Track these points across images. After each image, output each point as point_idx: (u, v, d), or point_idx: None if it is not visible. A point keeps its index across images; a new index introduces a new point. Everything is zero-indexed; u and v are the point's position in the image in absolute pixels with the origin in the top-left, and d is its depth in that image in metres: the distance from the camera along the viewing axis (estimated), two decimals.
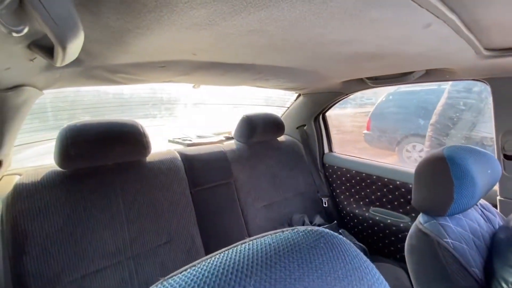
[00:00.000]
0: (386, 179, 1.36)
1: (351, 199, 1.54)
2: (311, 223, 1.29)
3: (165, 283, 0.22)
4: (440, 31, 0.48)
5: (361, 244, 1.13)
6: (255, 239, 0.26)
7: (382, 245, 1.38)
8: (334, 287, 0.23)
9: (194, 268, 0.23)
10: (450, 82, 1.72)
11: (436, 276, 0.65)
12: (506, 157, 0.93)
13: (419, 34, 0.50)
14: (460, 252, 0.64)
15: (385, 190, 1.38)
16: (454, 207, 0.68)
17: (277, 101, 1.83)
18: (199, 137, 1.62)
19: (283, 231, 0.27)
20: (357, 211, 1.50)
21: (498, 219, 0.83)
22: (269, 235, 0.27)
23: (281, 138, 1.66)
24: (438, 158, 0.71)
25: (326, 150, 1.70)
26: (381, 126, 4.30)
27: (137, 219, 0.98)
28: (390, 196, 1.36)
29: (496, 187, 0.98)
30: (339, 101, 1.48)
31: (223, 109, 1.99)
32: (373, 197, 1.43)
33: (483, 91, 1.46)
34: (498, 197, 0.98)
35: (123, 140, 0.97)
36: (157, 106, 1.68)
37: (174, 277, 0.22)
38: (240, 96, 2.00)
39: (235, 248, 0.25)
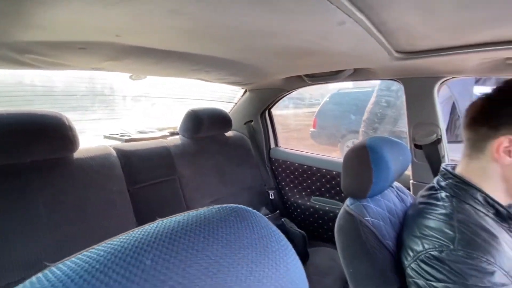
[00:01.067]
0: (324, 170, 1.48)
1: (295, 190, 1.64)
2: None
3: (54, 269, 0.20)
4: (355, 31, 0.54)
5: (301, 231, 1.21)
6: (166, 218, 0.26)
7: (321, 231, 1.50)
8: (238, 254, 0.23)
9: (91, 250, 0.21)
10: (378, 82, 1.95)
11: (358, 252, 0.72)
12: (416, 146, 1.10)
13: (337, 32, 0.55)
14: (377, 227, 0.73)
15: (323, 180, 1.49)
16: (373, 189, 0.77)
17: (224, 97, 1.83)
18: (141, 132, 1.52)
19: (197, 210, 0.27)
20: (300, 201, 1.60)
21: (410, 199, 0.97)
22: (182, 214, 0.26)
23: (229, 133, 1.66)
24: (361, 147, 0.80)
25: (272, 145, 1.77)
26: (325, 124, 4.66)
27: (63, 222, 0.88)
28: (328, 186, 1.48)
29: (410, 172, 1.16)
30: (282, 97, 1.55)
31: (168, 103, 1.90)
32: (313, 187, 1.54)
33: (399, 89, 1.69)
34: (411, 181, 1.14)
35: (44, 134, 0.85)
36: (90, 97, 1.52)
37: (65, 262, 0.20)
38: (188, 91, 1.94)
39: (142, 228, 0.24)
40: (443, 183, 0.67)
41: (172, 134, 1.50)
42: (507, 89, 0.58)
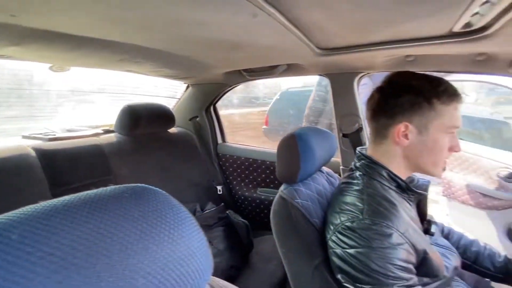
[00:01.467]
0: (268, 162, 1.55)
1: (242, 184, 1.67)
2: (203, 210, 1.32)
3: None
4: (272, 25, 0.58)
5: (244, 220, 1.25)
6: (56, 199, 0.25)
7: (267, 220, 1.55)
8: (126, 225, 0.24)
9: None
10: (317, 78, 2.10)
11: (289, 232, 0.78)
12: (344, 135, 1.23)
13: (255, 25, 0.59)
14: (306, 208, 0.80)
15: (268, 171, 1.56)
16: (302, 174, 0.84)
17: (167, 92, 1.76)
18: (69, 131, 1.37)
19: (94, 190, 0.27)
20: (247, 193, 1.64)
21: (338, 182, 1.08)
22: (73, 195, 0.26)
23: (173, 130, 1.61)
24: (290, 136, 0.86)
25: (219, 140, 1.77)
26: (276, 121, 4.84)
27: None
28: (272, 176, 1.55)
29: (340, 159, 1.28)
30: (225, 92, 1.57)
31: (104, 100, 1.75)
32: (259, 179, 1.60)
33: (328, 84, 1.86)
34: (341, 167, 1.27)
35: None
36: (4, 92, 1.32)
37: None
38: (126, 86, 1.82)
39: (18, 210, 0.23)
40: (357, 164, 0.76)
41: (107, 132, 1.39)
42: (396, 81, 0.68)
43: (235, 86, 1.50)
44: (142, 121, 1.32)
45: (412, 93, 0.64)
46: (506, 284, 0.82)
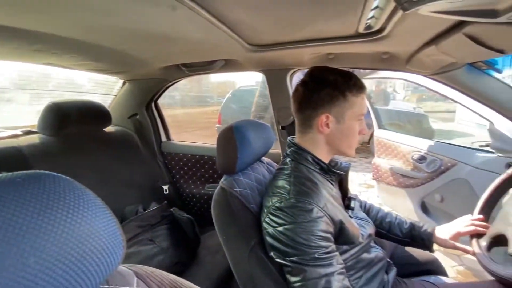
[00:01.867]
0: (214, 158, 1.56)
1: (190, 181, 1.65)
2: (145, 211, 1.27)
3: None
4: (196, 20, 0.60)
5: (189, 216, 1.25)
6: None
7: None
8: (16, 207, 0.24)
9: None
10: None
11: (228, 219, 0.81)
12: (282, 127, 1.31)
13: (178, 18, 0.60)
14: (244, 196, 0.84)
15: (215, 167, 1.57)
16: (240, 164, 0.87)
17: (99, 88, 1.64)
18: None
19: None
20: (195, 191, 1.63)
21: None
22: None
23: (110, 129, 1.51)
24: (228, 129, 0.89)
25: (163, 138, 1.72)
26: (228, 119, 4.86)
27: None
28: (219, 172, 1.56)
29: (280, 150, 1.37)
30: (165, 88, 1.53)
31: (23, 98, 1.54)
32: (207, 175, 1.60)
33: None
34: (281, 157, 1.36)
35: None
36: None
37: None
38: (52, 81, 1.63)
39: None
40: (288, 151, 0.83)
41: (28, 133, 1.23)
42: (316, 76, 0.77)
43: (176, 82, 1.47)
44: (70, 120, 1.21)
45: (330, 88, 0.73)
46: (412, 246, 0.98)
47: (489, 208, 0.92)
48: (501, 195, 0.90)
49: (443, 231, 0.90)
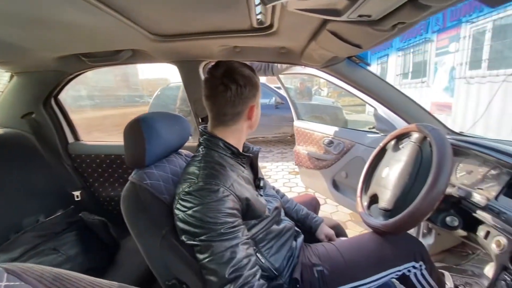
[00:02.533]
0: None
1: (106, 184, 1.52)
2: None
3: None
4: (81, 5, 0.56)
5: (101, 218, 1.16)
6: None
7: None
8: None
9: None
10: None
11: (138, 213, 0.79)
12: (202, 119, 1.33)
13: (62, 3, 0.55)
14: (155, 187, 0.83)
15: None
16: (150, 156, 0.86)
17: None
18: None
19: None
20: (112, 193, 1.51)
21: None
22: None
23: None
24: (134, 121, 0.86)
25: (70, 139, 1.52)
26: None
27: None
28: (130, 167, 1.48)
29: None
30: (66, 82, 1.36)
31: None
32: (125, 175, 1.50)
33: None
34: None
35: None
36: None
37: None
38: None
39: None
40: (201, 140, 0.85)
41: None
42: (239, 72, 0.80)
43: (78, 74, 1.32)
44: None
45: (253, 80, 0.80)
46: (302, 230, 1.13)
47: (369, 175, 1.14)
48: (376, 164, 1.13)
49: (325, 227, 1.12)
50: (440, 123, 1.17)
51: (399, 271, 0.86)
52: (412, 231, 1.46)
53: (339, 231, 1.24)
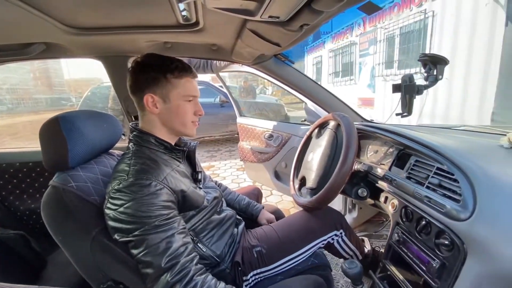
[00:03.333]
0: None
1: (25, 196, 1.34)
2: None
3: None
4: None
5: (18, 232, 1.03)
6: None
7: None
8: None
9: None
10: None
11: (64, 218, 0.74)
12: (135, 117, 1.28)
13: None
14: (82, 189, 0.78)
15: None
16: (74, 158, 0.80)
17: None
18: None
19: None
20: (33, 205, 1.34)
21: None
22: None
23: None
24: (52, 120, 0.79)
25: None
26: None
27: None
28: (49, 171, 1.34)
29: None
30: None
31: None
32: (47, 184, 1.34)
33: None
34: None
35: None
36: None
37: None
38: None
39: None
40: (131, 137, 0.83)
41: None
42: (142, 61, 0.81)
43: None
44: None
45: (153, 71, 0.78)
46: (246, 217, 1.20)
47: (299, 161, 1.28)
48: (304, 151, 1.27)
49: (265, 213, 1.20)
50: (353, 111, 1.38)
51: (325, 240, 0.99)
52: (340, 208, 1.68)
53: (279, 215, 1.35)
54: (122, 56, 1.12)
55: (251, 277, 0.94)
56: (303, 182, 1.16)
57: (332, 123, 1.10)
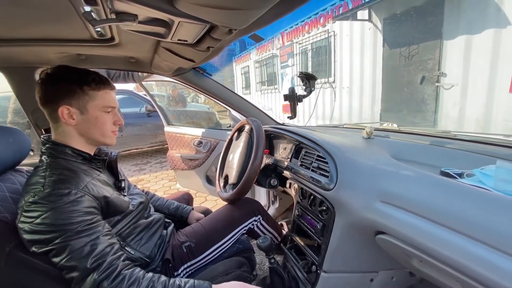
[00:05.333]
0: None
1: None
2: None
3: None
4: None
5: None
6: None
7: None
8: None
9: None
10: None
11: None
12: (45, 130, 1.20)
13: None
14: None
15: None
16: None
17: None
18: None
19: None
20: None
21: None
22: None
23: None
24: None
25: None
26: None
27: None
28: None
29: None
30: None
31: None
32: None
33: None
34: None
35: None
36: None
37: None
38: None
39: None
40: (43, 149, 0.82)
41: None
42: (54, 73, 0.82)
43: None
44: None
45: (67, 82, 0.80)
46: (175, 220, 1.27)
47: (223, 162, 1.43)
48: (226, 153, 1.43)
49: (195, 213, 1.29)
50: (266, 115, 1.62)
51: (246, 226, 1.16)
52: (265, 201, 1.91)
53: (208, 214, 1.46)
54: (28, 67, 1.06)
55: (182, 271, 1.03)
56: (226, 180, 1.31)
57: (247, 127, 1.29)
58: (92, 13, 0.65)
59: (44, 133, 1.20)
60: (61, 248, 0.69)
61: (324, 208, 0.90)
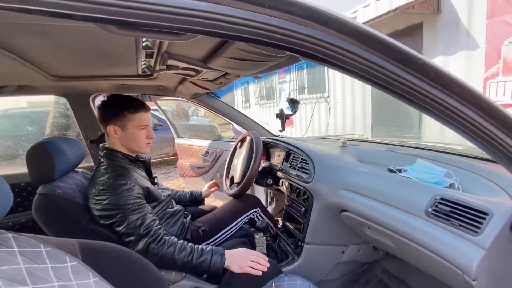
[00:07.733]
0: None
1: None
2: None
3: None
4: None
5: None
6: None
7: None
8: None
9: None
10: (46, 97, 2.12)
11: (55, 216, 1.00)
12: (91, 141, 1.54)
13: None
14: (68, 194, 1.05)
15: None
16: (58, 171, 1.07)
17: None
18: None
19: None
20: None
21: None
22: None
23: None
24: (38, 145, 1.05)
25: None
26: None
27: None
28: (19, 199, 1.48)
29: (92, 163, 1.58)
30: None
31: None
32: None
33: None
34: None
35: None
36: None
37: None
38: None
39: None
40: (102, 154, 1.16)
41: None
42: (108, 101, 1.16)
43: None
44: None
45: (113, 108, 1.13)
46: (193, 205, 1.62)
47: (229, 166, 1.77)
48: (232, 159, 1.77)
49: (204, 190, 1.62)
50: (264, 128, 1.98)
51: (247, 215, 1.48)
52: (264, 202, 2.22)
53: (214, 210, 1.78)
54: (85, 94, 1.41)
55: None
56: (232, 180, 1.64)
57: (248, 138, 1.64)
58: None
59: (90, 142, 1.54)
60: (122, 220, 1.01)
61: (306, 196, 1.23)
